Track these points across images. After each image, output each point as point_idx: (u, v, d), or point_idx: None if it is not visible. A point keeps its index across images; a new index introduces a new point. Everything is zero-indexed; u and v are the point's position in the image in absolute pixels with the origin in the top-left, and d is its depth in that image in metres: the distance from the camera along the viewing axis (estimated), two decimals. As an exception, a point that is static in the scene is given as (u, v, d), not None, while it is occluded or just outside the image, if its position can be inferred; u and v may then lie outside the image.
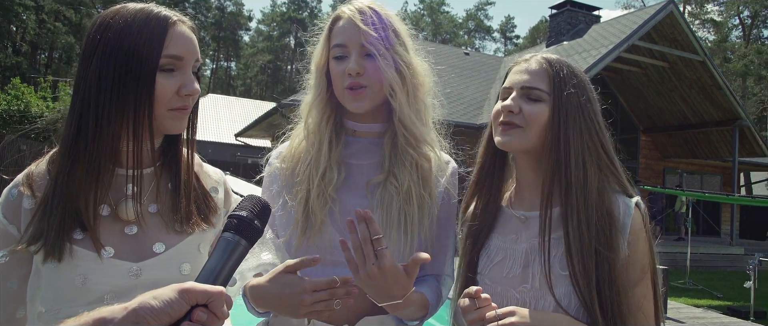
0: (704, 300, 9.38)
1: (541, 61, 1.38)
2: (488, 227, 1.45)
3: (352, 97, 1.44)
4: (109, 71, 1.12)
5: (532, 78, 1.36)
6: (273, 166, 1.56)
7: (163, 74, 1.15)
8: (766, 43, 39.91)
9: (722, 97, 15.41)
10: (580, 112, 1.33)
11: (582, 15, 19.18)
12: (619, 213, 1.29)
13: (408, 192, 1.42)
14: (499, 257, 1.41)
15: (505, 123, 1.35)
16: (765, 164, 19.76)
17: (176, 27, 1.18)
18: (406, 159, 1.45)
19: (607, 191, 1.31)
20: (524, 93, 1.36)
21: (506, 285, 1.36)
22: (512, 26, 71.57)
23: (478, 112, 15.09)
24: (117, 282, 1.14)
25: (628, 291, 1.26)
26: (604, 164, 1.34)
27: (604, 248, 1.24)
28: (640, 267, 1.29)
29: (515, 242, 1.40)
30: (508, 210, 1.45)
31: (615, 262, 1.24)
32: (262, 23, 64.59)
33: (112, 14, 1.16)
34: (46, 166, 1.19)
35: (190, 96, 1.19)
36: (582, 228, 1.25)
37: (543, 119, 1.33)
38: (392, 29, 1.47)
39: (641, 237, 1.29)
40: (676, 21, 14.79)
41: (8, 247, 1.15)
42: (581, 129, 1.32)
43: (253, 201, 0.99)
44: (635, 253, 1.28)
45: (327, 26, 1.51)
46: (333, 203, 1.42)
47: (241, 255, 0.92)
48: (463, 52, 22.09)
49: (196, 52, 1.21)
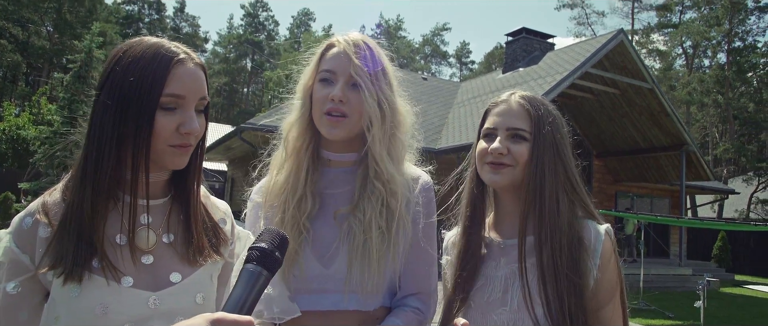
0: (657, 320, 9.61)
1: (522, 102, 1.48)
2: (480, 257, 1.50)
3: (330, 123, 1.45)
4: (114, 104, 1.15)
5: (516, 119, 1.46)
6: (254, 202, 1.58)
7: (162, 112, 1.16)
8: (706, 72, 41.87)
9: (670, 123, 16.01)
10: (554, 148, 1.44)
11: (537, 42, 19.74)
12: (591, 238, 1.39)
13: (369, 223, 1.43)
14: (480, 282, 1.48)
15: (495, 163, 1.44)
16: (710, 188, 20.57)
17: (181, 65, 1.19)
18: (373, 193, 1.47)
19: (578, 217, 1.42)
20: (510, 134, 1.45)
21: (486, 309, 1.42)
22: (468, 52, 73.28)
23: (437, 137, 15.23)
24: (136, 311, 1.15)
25: (599, 311, 1.36)
26: (574, 194, 1.45)
27: (574, 274, 1.33)
28: (610, 288, 1.38)
29: (495, 269, 1.47)
30: (488, 238, 1.53)
31: (584, 287, 1.34)
32: (219, 45, 64.04)
33: (126, 47, 1.19)
34: (61, 193, 1.20)
35: (190, 134, 1.19)
36: (555, 256, 1.34)
37: (526, 157, 1.43)
38: (381, 67, 1.50)
39: (611, 260, 1.39)
40: (626, 50, 15.35)
41: (19, 277, 1.14)
42: (555, 164, 1.43)
43: (272, 233, 1.02)
44: (605, 276, 1.37)
45: (319, 51, 1.53)
46: (307, 233, 1.45)
47: (263, 284, 0.96)
48: (421, 77, 22.36)
49: (200, 90, 1.22)
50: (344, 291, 1.42)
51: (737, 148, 35.91)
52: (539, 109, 1.46)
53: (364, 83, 1.44)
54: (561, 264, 1.33)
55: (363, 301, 1.44)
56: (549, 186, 1.40)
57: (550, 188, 1.40)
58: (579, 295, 1.32)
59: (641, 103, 16.07)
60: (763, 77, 38.50)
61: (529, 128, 1.44)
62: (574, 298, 1.32)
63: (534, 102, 1.47)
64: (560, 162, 1.44)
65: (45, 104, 23.04)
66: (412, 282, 1.52)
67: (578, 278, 1.33)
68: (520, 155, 1.42)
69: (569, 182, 1.44)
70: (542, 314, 1.33)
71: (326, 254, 1.45)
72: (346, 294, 1.42)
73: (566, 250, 1.35)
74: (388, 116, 1.49)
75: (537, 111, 1.45)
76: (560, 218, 1.38)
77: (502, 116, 1.47)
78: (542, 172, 1.40)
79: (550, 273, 1.33)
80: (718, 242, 20.68)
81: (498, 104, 1.51)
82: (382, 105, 1.47)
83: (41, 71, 42.37)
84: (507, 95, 1.52)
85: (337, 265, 1.44)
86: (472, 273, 1.48)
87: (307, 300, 1.42)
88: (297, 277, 1.42)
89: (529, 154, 1.42)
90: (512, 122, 1.45)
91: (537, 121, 1.44)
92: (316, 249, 1.45)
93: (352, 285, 1.42)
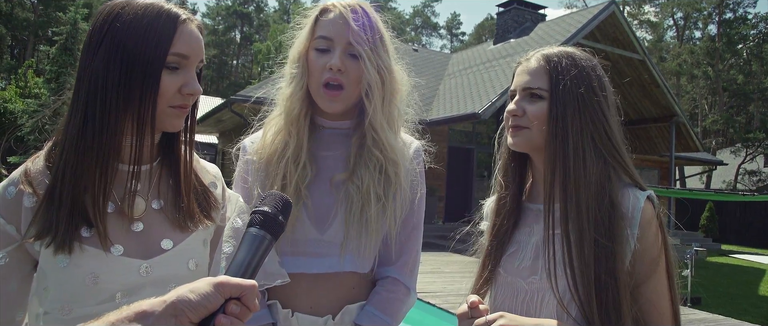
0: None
1: (539, 58, 1.37)
2: (514, 224, 1.44)
3: (328, 97, 1.43)
4: (117, 64, 1.10)
5: (532, 78, 1.35)
6: (246, 158, 1.54)
7: (168, 71, 1.14)
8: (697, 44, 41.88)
9: (660, 94, 16.06)
10: (580, 103, 1.30)
11: (528, 13, 19.61)
12: (628, 205, 1.25)
13: (367, 191, 1.42)
14: (513, 248, 1.42)
15: (513, 126, 1.37)
16: (699, 159, 20.77)
17: (185, 25, 1.17)
18: (371, 160, 1.45)
19: (613, 182, 1.27)
20: (526, 93, 1.36)
21: (516, 276, 1.36)
22: (458, 23, 72.56)
23: (428, 108, 15.19)
24: (128, 279, 1.14)
25: (639, 287, 1.23)
26: (610, 154, 1.30)
27: (603, 238, 1.20)
28: (650, 259, 1.23)
29: (529, 234, 1.40)
30: (525, 204, 1.46)
31: (617, 253, 1.20)
32: (207, 17, 63.07)
33: (121, 5, 1.14)
34: (45, 161, 1.16)
35: (191, 95, 1.19)
36: (581, 221, 1.22)
37: (545, 116, 1.32)
38: (379, 33, 1.46)
39: (651, 229, 1.25)
40: (617, 21, 15.30)
41: (6, 248, 1.11)
42: (581, 121, 1.29)
43: (275, 198, 1.00)
44: (645, 246, 1.23)
45: (313, 15, 1.48)
46: (306, 198, 1.43)
47: (266, 249, 0.94)
48: (412, 48, 22.20)
49: (201, 52, 1.21)
50: (340, 254, 1.43)
51: (726, 120, 36.20)
52: (559, 63, 1.33)
53: (364, 51, 1.40)
54: (588, 230, 1.21)
55: (359, 264, 1.45)
56: (573, 145, 1.27)
57: (575, 147, 1.27)
58: (611, 262, 1.19)
59: (632, 75, 16.07)
60: (752, 49, 38.60)
61: (545, 86, 1.32)
62: (605, 266, 1.19)
63: (554, 57, 1.35)
64: (588, 117, 1.29)
65: (31, 77, 22.71)
66: (397, 248, 1.52)
67: (610, 243, 1.20)
68: (535, 115, 1.32)
69: (602, 140, 1.30)
70: (565, 287, 1.22)
71: (322, 219, 1.44)
72: (343, 257, 1.43)
73: (596, 215, 1.22)
74: (387, 84, 1.46)
75: (555, 66, 1.33)
76: (587, 179, 1.25)
77: (519, 76, 1.39)
78: (564, 131, 1.28)
79: (576, 242, 1.22)
80: (705, 213, 20.98)
81: (519, 65, 1.42)
82: (382, 72, 1.44)
83: (26, 44, 41.66)
84: (532, 53, 1.42)
85: (333, 230, 1.44)
86: (506, 239, 1.43)
87: (303, 263, 1.43)
88: (293, 241, 1.42)
89: (546, 112, 1.31)
90: (527, 81, 1.35)
91: (554, 75, 1.32)
92: (312, 214, 1.44)
93: (349, 249, 1.43)
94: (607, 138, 1.31)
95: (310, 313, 1.43)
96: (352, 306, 1.45)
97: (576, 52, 1.38)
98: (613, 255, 1.20)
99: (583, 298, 1.19)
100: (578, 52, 1.38)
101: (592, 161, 1.27)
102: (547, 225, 1.29)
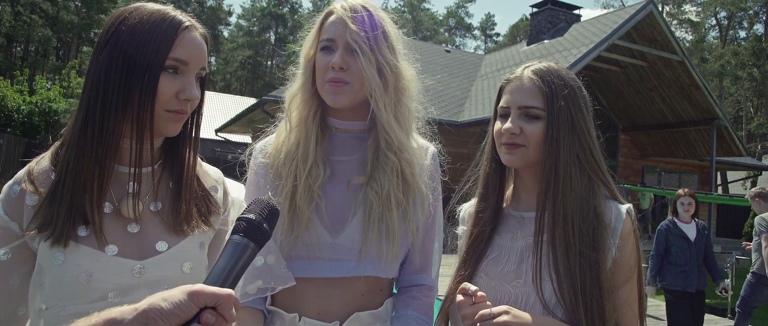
0: (682, 298, 9.45)
1: (534, 78, 1.42)
2: (491, 230, 1.50)
3: (333, 91, 1.43)
4: (117, 66, 1.14)
5: (528, 97, 1.41)
6: (257, 161, 1.55)
7: (166, 75, 1.16)
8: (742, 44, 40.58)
9: (700, 96, 15.61)
10: (571, 124, 1.39)
11: (563, 14, 19.30)
12: (611, 217, 1.37)
13: (387, 196, 1.42)
14: (494, 253, 1.47)
15: (509, 144, 1.42)
16: (741, 164, 20.10)
17: (187, 32, 1.20)
18: (387, 164, 1.45)
19: (597, 196, 1.38)
20: (522, 112, 1.41)
21: (500, 280, 1.41)
22: (492, 24, 71.96)
23: (460, 110, 15.10)
24: (121, 279, 1.15)
25: (615, 291, 1.33)
26: (593, 171, 1.40)
27: (590, 250, 1.30)
28: (628, 268, 1.36)
29: (512, 240, 1.46)
30: (507, 211, 1.52)
31: (601, 263, 1.31)
32: (242, 18, 64.05)
33: (130, 10, 1.19)
34: (50, 161, 1.20)
35: (188, 101, 1.20)
36: (567, 233, 1.32)
37: (541, 136, 1.39)
38: (382, 31, 1.46)
39: (630, 240, 1.37)
40: (655, 21, 14.93)
41: (9, 244, 1.14)
42: (571, 141, 1.38)
43: (261, 204, 0.99)
44: (624, 255, 1.35)
45: (319, 20, 1.51)
46: (319, 199, 1.43)
47: (249, 257, 0.92)
48: (444, 49, 22.11)
49: (202, 59, 1.23)
50: (359, 260, 1.41)
51: (771, 123, 34.92)
52: (552, 83, 1.40)
53: (361, 49, 1.41)
54: (574, 241, 1.31)
55: (382, 269, 1.44)
56: (564, 163, 1.36)
57: (565, 166, 1.36)
58: (595, 271, 1.29)
59: (670, 76, 15.68)
60: (800, 49, 37.17)
61: (541, 105, 1.39)
62: (590, 275, 1.29)
63: (546, 76, 1.41)
64: (576, 138, 1.39)
65: (74, 77, 23.43)
66: (422, 255, 1.53)
67: (595, 253, 1.30)
68: (533, 135, 1.39)
69: (587, 158, 1.40)
70: (550, 291, 1.31)
71: (336, 222, 1.43)
72: (362, 263, 1.41)
73: (581, 227, 1.32)
74: (390, 81, 1.45)
75: (550, 86, 1.39)
76: (573, 194, 1.35)
77: (514, 94, 1.43)
78: (557, 151, 1.37)
79: (562, 251, 1.31)
80: (749, 219, 20.28)
81: (511, 81, 1.46)
82: (383, 69, 1.44)
83: (71, 45, 43.00)
84: (520, 70, 1.46)
85: (349, 234, 1.42)
86: (486, 244, 1.48)
87: (318, 267, 1.42)
88: (308, 245, 1.41)
89: (543, 132, 1.38)
90: (524, 100, 1.40)
91: (550, 96, 1.39)
92: (325, 217, 1.43)
93: (369, 255, 1.41)
94: (591, 155, 1.41)
95: (318, 319, 1.42)
96: (362, 313, 1.43)
97: (561, 69, 1.45)
98: (597, 264, 1.30)
99: (568, 302, 1.28)
100: (563, 69, 1.45)
101: (577, 177, 1.37)
102: (538, 233, 1.37)
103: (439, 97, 15.49)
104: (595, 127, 1.46)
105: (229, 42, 61.90)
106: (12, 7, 37.20)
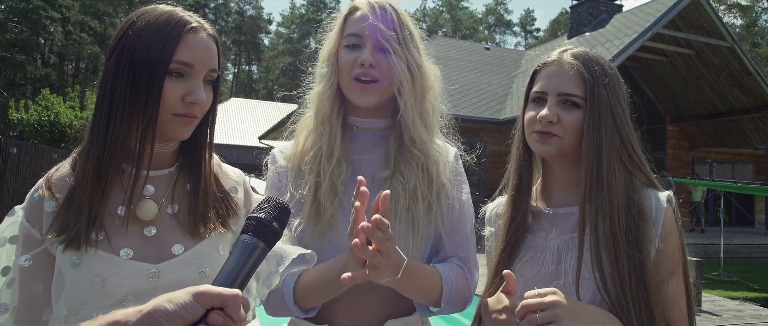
0: (739, 292, 9.15)
1: (575, 63, 1.33)
2: (524, 227, 1.42)
3: (361, 90, 1.41)
4: (124, 68, 1.12)
5: (568, 83, 1.32)
6: (278, 164, 1.52)
7: (171, 78, 1.14)
8: (796, 26, 38.81)
9: (752, 83, 15.03)
10: (611, 113, 1.31)
11: (603, 5, 18.90)
12: (651, 207, 1.28)
13: (414, 190, 1.39)
14: (528, 254, 1.39)
15: (543, 132, 1.33)
16: (799, 151, 19.21)
17: (193, 33, 1.17)
18: (412, 158, 1.42)
19: (637, 188, 1.30)
20: (561, 99, 1.33)
21: (538, 282, 1.31)
22: (532, 20, 70.92)
23: (501, 107, 14.97)
24: (136, 283, 1.12)
25: (661, 286, 1.24)
26: (632, 161, 1.33)
27: (634, 250, 1.23)
28: (673, 261, 1.27)
29: (545, 239, 1.38)
30: (536, 208, 1.43)
31: (645, 261, 1.23)
32: (282, 26, 65.06)
33: (139, 13, 1.17)
34: (70, 167, 1.20)
35: (196, 104, 1.17)
36: (614, 229, 1.24)
37: (578, 125, 1.31)
38: (408, 30, 1.45)
39: (674, 231, 1.28)
40: (701, 7, 14.47)
41: (32, 251, 1.14)
42: (611, 131, 1.30)
43: (271, 203, 0.96)
44: (667, 247, 1.27)
45: (342, 16, 1.49)
46: (343, 195, 1.39)
47: (259, 257, 0.90)
48: (484, 47, 21.92)
49: (210, 60, 1.19)
50: None
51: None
52: (594, 69, 1.31)
53: (393, 47, 1.39)
54: (620, 239, 1.23)
55: None
56: (606, 155, 1.28)
57: (607, 158, 1.28)
58: (640, 271, 1.22)
59: (719, 63, 15.15)
60: None
61: (582, 93, 1.31)
62: (635, 276, 1.21)
63: (588, 62, 1.33)
64: (616, 128, 1.31)
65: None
66: (451, 247, 1.45)
67: (639, 253, 1.22)
68: (570, 124, 1.31)
69: (626, 149, 1.31)
70: (593, 290, 1.24)
71: None
72: None
73: (625, 223, 1.24)
74: (418, 80, 1.43)
75: (591, 72, 1.31)
76: (617, 189, 1.27)
77: (552, 79, 1.34)
78: (599, 142, 1.28)
79: (608, 249, 1.23)
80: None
81: (548, 65, 1.37)
82: (412, 68, 1.42)
83: (118, 61, 44.43)
84: (557, 54, 1.37)
85: None
86: (519, 244, 1.41)
87: None
88: (336, 246, 1.35)
89: (582, 122, 1.30)
90: (563, 86, 1.32)
91: (591, 84, 1.30)
92: (349, 214, 1.28)
93: None
94: (632, 148, 1.33)
95: (350, 323, 1.38)
96: (394, 320, 1.39)
97: (599, 55, 1.37)
98: (641, 261, 1.23)
99: (616, 301, 1.21)
100: (600, 56, 1.37)
101: (619, 171, 1.29)
102: (581, 229, 1.29)
103: (479, 94, 15.39)
104: (632, 117, 1.38)
105: (270, 50, 62.91)
106: (63, 27, 38.83)
